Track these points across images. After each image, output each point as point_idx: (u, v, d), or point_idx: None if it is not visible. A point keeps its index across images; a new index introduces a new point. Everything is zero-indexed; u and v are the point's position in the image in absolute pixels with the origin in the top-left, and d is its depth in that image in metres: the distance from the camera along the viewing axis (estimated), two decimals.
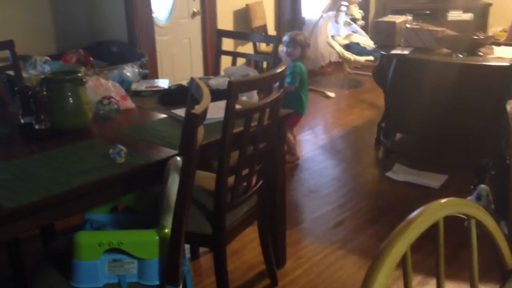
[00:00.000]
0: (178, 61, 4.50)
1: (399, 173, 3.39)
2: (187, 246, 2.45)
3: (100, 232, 1.59)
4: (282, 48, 3.34)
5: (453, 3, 6.35)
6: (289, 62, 3.30)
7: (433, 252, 0.92)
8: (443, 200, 0.78)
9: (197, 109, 1.36)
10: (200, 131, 1.55)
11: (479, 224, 0.85)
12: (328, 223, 2.84)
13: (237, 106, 2.14)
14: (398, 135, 3.85)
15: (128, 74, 2.42)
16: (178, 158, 1.65)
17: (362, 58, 5.41)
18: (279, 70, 1.84)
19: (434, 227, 0.81)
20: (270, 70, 2.73)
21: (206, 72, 4.62)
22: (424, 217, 0.73)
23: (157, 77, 3.78)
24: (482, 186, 2.16)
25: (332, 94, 5.24)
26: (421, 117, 3.32)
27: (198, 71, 4.62)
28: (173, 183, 1.54)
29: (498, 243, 0.86)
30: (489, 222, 0.84)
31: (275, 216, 2.34)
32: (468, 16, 6.24)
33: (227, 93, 1.65)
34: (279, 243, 2.41)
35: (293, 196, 3.18)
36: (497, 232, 0.85)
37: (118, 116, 2.13)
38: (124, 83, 2.41)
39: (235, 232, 2.07)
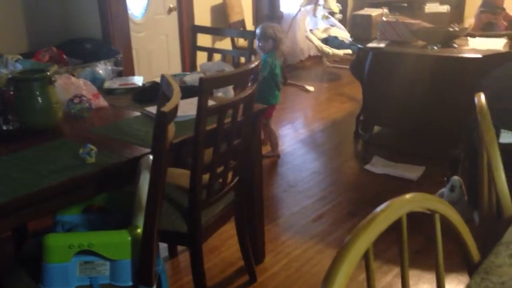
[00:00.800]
0: (156, 58, 4.45)
1: (378, 166, 3.41)
2: (164, 245, 2.44)
3: (70, 234, 1.56)
4: (255, 43, 3.32)
5: None
6: (262, 56, 3.29)
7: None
8: (407, 196, 0.77)
9: (167, 106, 1.33)
10: (171, 128, 1.53)
11: (444, 219, 0.85)
12: (307, 217, 2.84)
13: (212, 103, 2.13)
14: (377, 128, 3.87)
15: (101, 71, 2.38)
16: (151, 157, 1.63)
17: (340, 52, 5.42)
18: (251, 66, 1.82)
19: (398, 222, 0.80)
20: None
21: (184, 68, 4.58)
22: (386, 213, 0.72)
23: (133, 74, 3.73)
24: (455, 177, 2.18)
25: (311, 88, 5.25)
26: (397, 109, 3.34)
27: (176, 68, 4.58)
28: (145, 182, 1.52)
29: (464, 238, 0.86)
30: (454, 216, 0.84)
31: (253, 212, 2.33)
32: (444, 8, 6.30)
33: (199, 90, 1.63)
34: (257, 239, 2.41)
35: (272, 191, 3.17)
36: (462, 227, 0.85)
37: (91, 115, 2.10)
38: (97, 81, 2.37)
39: (212, 230, 2.06)
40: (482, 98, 1.21)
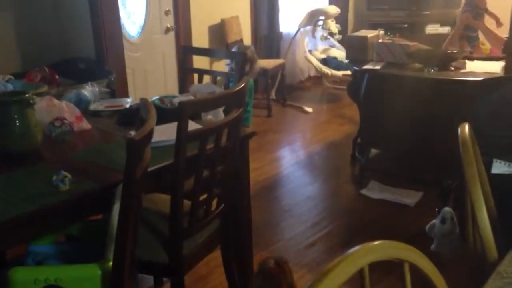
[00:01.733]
0: (152, 78, 4.41)
1: (374, 191, 3.32)
2: (148, 276, 2.35)
3: (37, 268, 1.48)
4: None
5: (430, 17, 6.37)
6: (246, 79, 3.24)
7: None
8: (370, 245, 0.69)
9: (138, 133, 1.27)
10: (146, 155, 1.46)
11: (417, 267, 0.76)
12: (299, 244, 2.74)
13: (198, 127, 2.06)
14: (374, 151, 3.79)
15: (87, 93, 2.32)
16: None
17: (339, 73, 5.37)
18: (236, 89, 1.76)
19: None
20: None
21: (181, 88, 4.52)
22: (343, 266, 0.64)
23: (126, 95, 3.68)
24: (447, 209, 2.09)
25: (309, 110, 5.19)
26: (393, 133, 3.26)
27: (172, 88, 4.52)
28: (118, 211, 1.44)
29: (436, 287, 0.78)
30: (425, 265, 0.76)
31: (240, 240, 2.24)
32: (445, 29, 6.26)
33: (178, 115, 1.57)
34: (246, 268, 2.31)
35: (267, 217, 3.08)
36: (435, 276, 0.77)
37: (72, 138, 2.03)
38: (82, 102, 2.31)
39: (196, 259, 1.97)
40: (465, 129, 1.13)
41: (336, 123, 4.88)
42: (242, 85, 1.78)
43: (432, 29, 6.26)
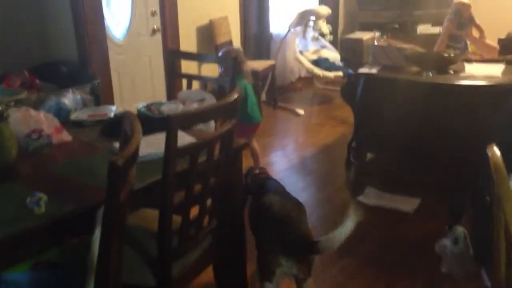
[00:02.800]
0: (139, 81, 4.25)
1: (371, 197, 3.21)
2: None
3: None
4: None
5: (421, 16, 6.30)
6: (240, 86, 3.11)
7: None
8: None
9: (121, 156, 1.12)
10: (131, 177, 1.32)
11: None
12: None
13: (189, 138, 1.93)
14: (369, 155, 3.68)
15: (67, 102, 2.17)
16: None
17: (331, 74, 5.25)
18: (229, 100, 1.62)
19: None
20: (227, 93, 2.53)
21: (169, 94, 4.36)
22: None
23: (111, 99, 3.52)
24: (459, 228, 1.96)
25: (301, 112, 5.07)
26: (390, 137, 3.15)
27: (160, 91, 4.37)
28: (99, 238, 1.30)
29: None
30: None
31: (234, 257, 2.11)
32: (436, 29, 6.17)
33: (167, 130, 1.43)
34: (240, 285, 2.18)
35: None
36: None
37: (51, 152, 1.89)
38: (62, 112, 2.16)
39: (187, 280, 1.84)
40: (496, 151, 1.02)
41: (329, 125, 4.76)
42: (235, 96, 1.64)
43: (423, 29, 6.18)
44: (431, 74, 2.91)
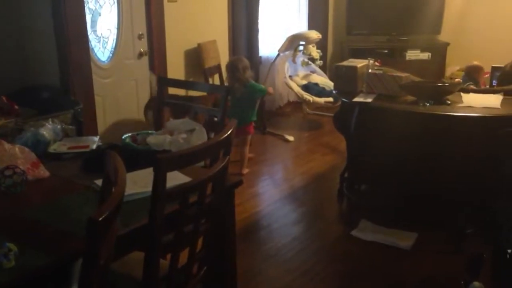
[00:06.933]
0: (124, 105, 4.10)
1: (366, 232, 3.07)
2: None
3: None
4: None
5: (411, 42, 6.30)
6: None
7: None
8: None
9: (101, 210, 0.97)
10: (113, 230, 1.16)
11: None
12: None
13: (182, 176, 1.78)
14: (363, 186, 3.55)
15: (45, 133, 2.01)
16: None
17: (321, 100, 5.16)
18: (221, 138, 1.48)
19: None
20: (218, 125, 2.40)
21: (157, 124, 4.19)
22: None
23: (95, 128, 3.35)
24: (476, 284, 1.82)
25: (291, 138, 4.95)
26: (386, 169, 3.04)
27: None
28: None
29: None
30: None
31: None
32: (425, 55, 6.19)
33: (154, 173, 1.28)
34: None
35: (250, 263, 2.78)
36: None
37: (26, 190, 1.72)
38: (40, 144, 1.99)
39: None
40: None
41: (319, 152, 4.64)
42: (228, 132, 1.51)
43: (412, 55, 6.17)
44: (428, 104, 2.81)
